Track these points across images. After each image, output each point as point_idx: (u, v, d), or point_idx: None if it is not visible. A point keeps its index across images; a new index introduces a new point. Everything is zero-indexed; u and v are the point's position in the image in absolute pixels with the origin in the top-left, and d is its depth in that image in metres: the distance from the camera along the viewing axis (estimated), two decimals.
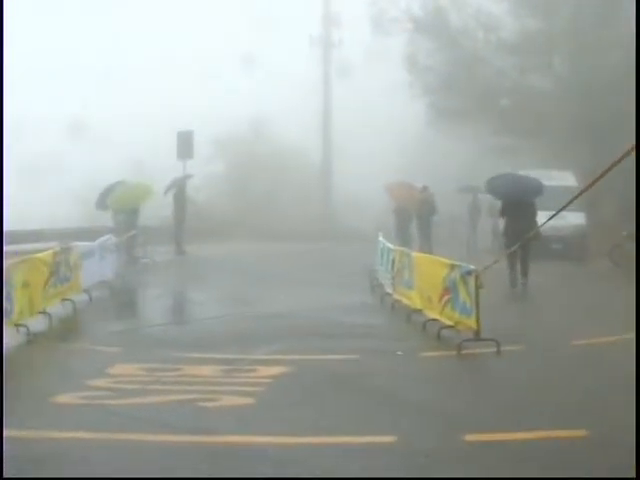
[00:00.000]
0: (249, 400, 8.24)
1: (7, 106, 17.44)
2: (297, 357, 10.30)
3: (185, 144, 29.16)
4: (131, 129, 35.26)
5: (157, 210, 26.93)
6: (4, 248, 16.25)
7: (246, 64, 36.09)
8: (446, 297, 11.63)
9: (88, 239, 17.60)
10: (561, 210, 10.61)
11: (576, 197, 10.39)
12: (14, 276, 11.45)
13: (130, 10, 37.35)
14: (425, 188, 26.47)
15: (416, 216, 26.26)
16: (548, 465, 6.40)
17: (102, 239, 17.91)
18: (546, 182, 18.18)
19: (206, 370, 9.62)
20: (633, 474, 5.23)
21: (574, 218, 23.32)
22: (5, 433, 6.80)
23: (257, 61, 35.88)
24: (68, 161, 35.09)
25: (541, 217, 11.69)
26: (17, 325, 11.40)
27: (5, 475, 5.49)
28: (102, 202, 24.54)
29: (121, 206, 23.72)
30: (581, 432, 7.06)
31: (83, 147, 35.23)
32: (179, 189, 26.36)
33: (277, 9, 36.48)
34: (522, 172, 21.82)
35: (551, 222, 11.52)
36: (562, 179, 24.55)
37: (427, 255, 15.47)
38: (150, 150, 32.77)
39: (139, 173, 28.06)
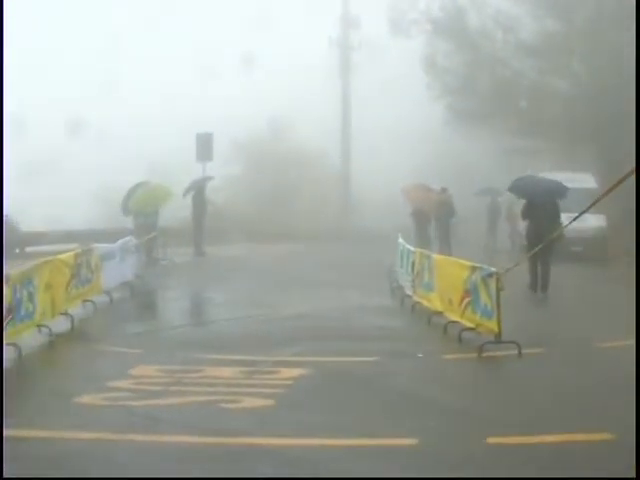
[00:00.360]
0: (270, 402, 8.25)
1: (7, 105, 17.49)
2: (317, 359, 10.31)
3: (204, 146, 29.28)
4: (147, 130, 35.41)
5: (176, 212, 27.04)
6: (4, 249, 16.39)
7: (265, 65, 36.16)
8: (467, 299, 11.61)
9: (107, 241, 17.68)
10: (583, 213, 10.60)
11: (597, 201, 10.35)
12: (37, 277, 11.52)
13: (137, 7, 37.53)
14: (444, 190, 26.38)
15: (435, 218, 26.17)
16: (571, 468, 6.39)
17: (122, 241, 17.97)
18: (566, 184, 18.10)
19: (227, 372, 9.64)
20: (633, 474, 5.20)
21: (595, 220, 23.23)
22: (28, 433, 6.86)
23: (275, 62, 35.92)
24: (80, 163, 35.24)
25: (564, 219, 11.66)
26: (39, 326, 11.47)
27: (10, 474, 5.51)
28: (125, 206, 24.68)
29: (142, 208, 23.84)
30: (605, 435, 7.03)
31: (98, 150, 35.37)
32: (198, 191, 26.42)
33: (296, 10, 36.57)
34: (542, 174, 21.75)
35: (572, 224, 11.49)
36: (582, 181, 24.45)
37: (447, 257, 15.43)
38: (168, 152, 32.92)
39: (156, 175, 28.15)
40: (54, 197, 33.83)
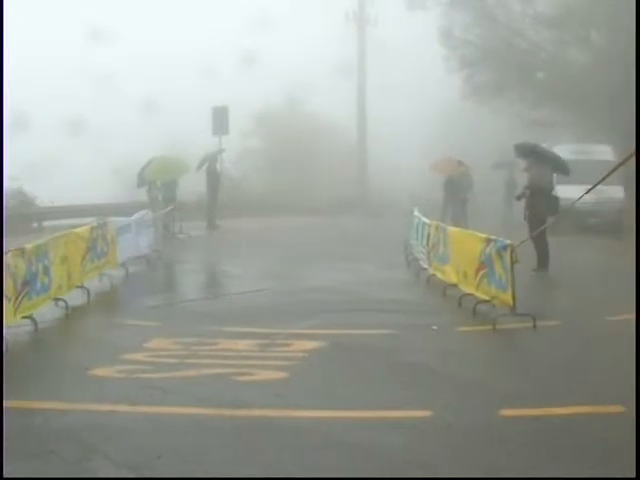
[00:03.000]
0: (284, 374, 8.27)
1: (8, 103, 17.53)
2: (332, 332, 10.31)
3: (220, 120, 29.29)
4: (164, 107, 35.24)
5: (194, 186, 27.06)
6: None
7: (282, 37, 35.99)
8: (482, 272, 11.58)
9: (125, 216, 17.76)
10: (596, 185, 10.48)
11: (609, 174, 10.17)
12: (52, 251, 11.57)
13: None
14: (460, 163, 26.30)
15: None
16: (585, 441, 6.39)
17: (138, 214, 18.02)
18: (584, 156, 17.95)
19: (242, 344, 9.66)
20: (633, 474, 5.18)
21: (613, 192, 23.07)
22: (43, 405, 6.92)
23: (293, 35, 35.77)
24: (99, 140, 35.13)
25: (579, 191, 11.54)
26: (55, 299, 11.53)
27: (6, 474, 5.55)
28: (141, 176, 24.69)
29: (159, 178, 23.88)
30: (618, 408, 7.02)
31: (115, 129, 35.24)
32: (211, 163, 26.41)
33: None
34: (559, 146, 21.59)
35: (589, 197, 11.37)
36: (600, 153, 24.31)
37: (462, 229, 15.39)
38: (185, 127, 32.87)
39: (174, 150, 28.12)
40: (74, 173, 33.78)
